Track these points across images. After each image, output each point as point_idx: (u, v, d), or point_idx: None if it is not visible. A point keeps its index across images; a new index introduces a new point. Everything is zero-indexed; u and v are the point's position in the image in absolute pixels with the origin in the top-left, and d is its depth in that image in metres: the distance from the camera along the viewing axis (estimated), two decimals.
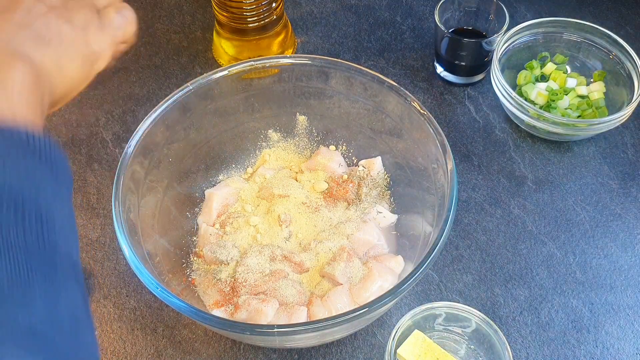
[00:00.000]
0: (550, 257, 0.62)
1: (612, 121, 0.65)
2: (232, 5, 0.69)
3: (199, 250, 0.60)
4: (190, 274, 0.59)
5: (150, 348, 0.58)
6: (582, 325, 0.58)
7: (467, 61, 0.73)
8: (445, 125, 0.71)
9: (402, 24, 0.82)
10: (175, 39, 0.81)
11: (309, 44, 0.80)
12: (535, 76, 0.73)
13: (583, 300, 0.60)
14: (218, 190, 0.63)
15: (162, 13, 0.84)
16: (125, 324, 0.59)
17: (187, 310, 0.47)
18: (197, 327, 0.59)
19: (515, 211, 0.65)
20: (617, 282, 0.61)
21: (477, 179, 0.68)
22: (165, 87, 0.76)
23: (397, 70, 0.77)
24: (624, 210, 0.65)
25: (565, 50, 0.74)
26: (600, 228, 0.64)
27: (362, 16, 0.82)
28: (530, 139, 0.71)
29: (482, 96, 0.74)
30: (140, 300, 0.60)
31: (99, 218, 0.66)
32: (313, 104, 0.64)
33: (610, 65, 0.71)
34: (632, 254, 0.63)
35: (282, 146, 0.67)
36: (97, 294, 0.61)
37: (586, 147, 0.70)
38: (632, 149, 0.70)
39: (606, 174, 0.68)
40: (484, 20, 0.74)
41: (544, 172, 0.68)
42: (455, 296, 0.60)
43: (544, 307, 0.59)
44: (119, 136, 0.72)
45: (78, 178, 0.69)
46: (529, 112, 0.66)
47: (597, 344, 0.57)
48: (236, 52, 0.75)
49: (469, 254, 0.63)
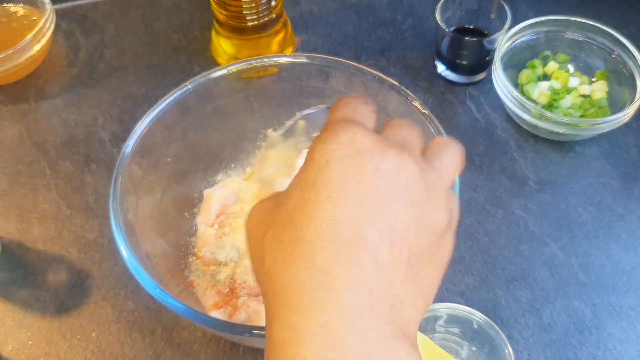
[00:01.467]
0: (552, 258, 0.62)
1: (614, 121, 0.64)
2: (231, 4, 0.68)
3: (198, 251, 0.60)
4: (188, 275, 0.58)
5: (148, 350, 0.57)
6: (584, 327, 0.58)
7: (468, 60, 0.72)
8: (447, 124, 0.71)
9: (403, 22, 0.81)
10: (173, 38, 0.80)
11: (308, 43, 0.79)
12: (537, 75, 0.72)
13: (585, 301, 0.59)
14: (217, 190, 0.63)
15: (161, 12, 0.83)
16: (123, 325, 0.59)
17: (186, 312, 0.46)
18: (195, 329, 0.58)
19: (517, 212, 0.65)
20: (620, 283, 0.60)
21: (479, 179, 0.67)
22: (163, 86, 0.75)
23: (397, 69, 0.76)
24: (627, 211, 0.65)
25: (568, 49, 0.73)
26: (602, 229, 0.64)
27: (363, 15, 0.82)
28: (532, 138, 0.70)
29: (483, 95, 0.74)
30: (138, 302, 0.60)
31: (96, 219, 0.65)
32: (313, 103, 0.64)
33: (612, 65, 0.71)
34: (634, 255, 0.62)
35: (281, 146, 0.66)
36: (95, 296, 0.60)
37: (588, 147, 0.70)
38: (634, 149, 0.69)
39: (608, 174, 0.68)
40: (486, 19, 0.74)
41: (546, 172, 0.68)
42: (456, 297, 0.60)
43: (546, 309, 0.59)
44: (117, 136, 0.71)
45: (76, 178, 0.68)
46: (530, 112, 0.66)
47: (599, 346, 0.57)
48: (235, 51, 0.74)
49: (470, 255, 0.62)
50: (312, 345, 0.25)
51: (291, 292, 0.26)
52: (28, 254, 0.63)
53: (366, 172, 0.28)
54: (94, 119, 0.73)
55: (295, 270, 0.26)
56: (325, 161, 0.28)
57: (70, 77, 0.77)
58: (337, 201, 0.27)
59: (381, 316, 0.26)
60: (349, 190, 0.27)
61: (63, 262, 0.62)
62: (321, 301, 0.25)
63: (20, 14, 0.79)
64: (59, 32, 0.81)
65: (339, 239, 0.26)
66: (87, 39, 0.81)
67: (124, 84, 0.76)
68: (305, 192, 0.28)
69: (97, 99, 0.75)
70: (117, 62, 0.79)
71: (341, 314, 0.25)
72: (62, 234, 0.64)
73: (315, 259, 0.26)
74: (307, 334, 0.25)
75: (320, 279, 0.26)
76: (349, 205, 0.27)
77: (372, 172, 0.28)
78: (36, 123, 0.73)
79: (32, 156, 0.70)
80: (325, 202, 0.27)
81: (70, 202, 0.67)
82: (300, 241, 0.27)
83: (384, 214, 0.27)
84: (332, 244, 0.26)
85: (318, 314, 0.25)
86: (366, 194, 0.27)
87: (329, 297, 0.25)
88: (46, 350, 0.57)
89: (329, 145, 0.29)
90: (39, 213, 0.66)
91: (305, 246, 0.27)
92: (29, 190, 0.68)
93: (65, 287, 0.61)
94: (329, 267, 0.26)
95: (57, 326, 0.59)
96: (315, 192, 0.27)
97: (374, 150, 0.28)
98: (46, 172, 0.69)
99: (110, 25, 0.82)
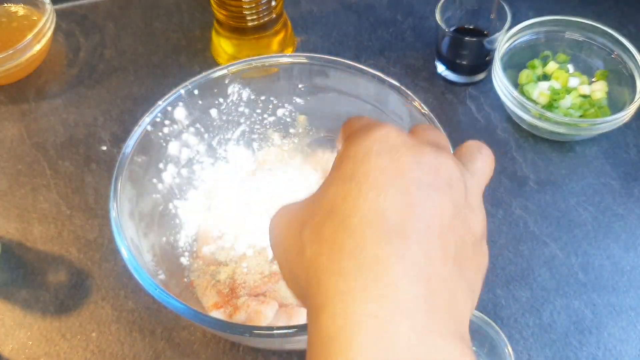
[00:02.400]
0: (552, 258, 0.62)
1: (614, 121, 0.64)
2: (231, 4, 0.68)
3: (198, 251, 0.60)
4: (189, 275, 0.58)
5: (148, 350, 0.57)
6: (584, 327, 0.58)
7: (468, 60, 0.72)
8: (447, 124, 0.70)
9: (403, 22, 0.81)
10: (173, 38, 0.80)
11: (308, 43, 0.79)
12: (537, 75, 0.72)
13: (585, 301, 0.59)
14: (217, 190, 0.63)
15: (161, 12, 0.83)
16: (123, 325, 0.59)
17: (186, 312, 0.46)
18: (195, 329, 0.58)
19: (517, 212, 0.65)
20: (620, 283, 0.60)
21: None
22: (163, 86, 0.75)
23: (397, 69, 0.76)
24: (627, 211, 0.65)
25: (568, 50, 0.73)
26: (602, 229, 0.64)
27: (363, 15, 0.82)
28: (532, 138, 0.70)
29: (483, 95, 0.74)
30: (138, 302, 0.60)
31: (96, 219, 0.65)
32: (313, 103, 0.64)
33: (612, 65, 0.71)
34: (634, 255, 0.62)
35: (282, 146, 0.66)
36: (95, 296, 0.60)
37: (588, 147, 0.70)
38: (634, 149, 0.69)
39: (608, 174, 0.68)
40: (486, 19, 0.74)
41: (546, 172, 0.68)
42: None
43: (546, 309, 0.59)
44: (117, 136, 0.71)
45: (76, 178, 0.68)
46: (530, 112, 0.66)
47: (599, 346, 0.57)
48: (235, 51, 0.74)
49: None
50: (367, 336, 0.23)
51: (341, 281, 0.24)
52: (28, 254, 0.63)
53: (406, 165, 0.26)
54: (94, 118, 0.73)
55: (345, 258, 0.25)
56: (362, 155, 0.27)
57: (70, 77, 0.77)
58: (381, 190, 0.26)
59: (437, 311, 0.24)
60: (391, 180, 0.26)
61: (63, 262, 0.62)
62: (375, 291, 0.24)
63: (20, 14, 0.79)
64: (59, 32, 0.81)
65: (388, 228, 0.25)
66: (87, 39, 0.81)
67: (124, 83, 0.76)
68: (345, 184, 0.27)
69: (97, 99, 0.75)
70: (117, 62, 0.79)
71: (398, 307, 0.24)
72: (62, 234, 0.64)
73: (365, 247, 0.25)
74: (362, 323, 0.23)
75: (373, 267, 0.24)
76: (393, 195, 0.25)
77: (412, 166, 0.26)
78: (36, 123, 0.73)
79: (32, 156, 0.70)
80: (368, 192, 0.26)
81: (70, 202, 0.67)
82: (347, 230, 0.25)
83: (428, 207, 0.26)
84: (381, 232, 0.25)
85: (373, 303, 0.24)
86: (409, 185, 0.26)
87: (384, 287, 0.24)
88: (46, 350, 0.57)
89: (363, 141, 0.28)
90: (39, 213, 0.66)
91: (353, 234, 0.25)
92: (29, 190, 0.68)
93: (65, 287, 0.61)
94: (381, 255, 0.24)
95: (57, 326, 0.59)
96: (356, 183, 0.26)
97: (412, 146, 0.27)
98: (46, 172, 0.69)
99: (110, 26, 0.82)
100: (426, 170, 0.27)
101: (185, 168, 0.61)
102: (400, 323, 0.23)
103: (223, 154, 0.64)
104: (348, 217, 0.26)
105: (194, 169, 0.62)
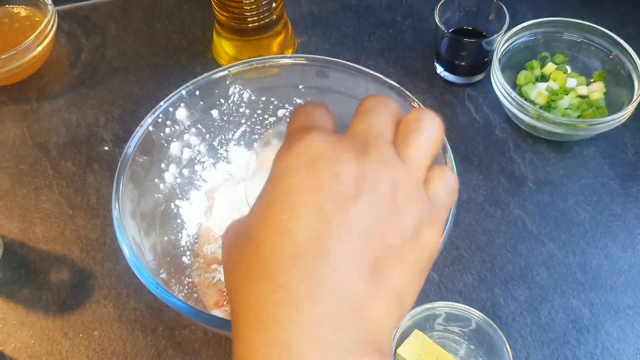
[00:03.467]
0: (551, 258, 0.62)
1: (612, 121, 0.65)
2: (232, 5, 0.69)
3: (199, 250, 0.60)
4: (190, 274, 0.59)
5: (150, 348, 0.58)
6: (582, 326, 0.58)
7: (467, 61, 0.73)
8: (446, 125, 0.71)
9: (402, 24, 0.81)
10: (174, 39, 0.81)
11: (309, 44, 0.80)
12: (536, 76, 0.72)
13: (583, 300, 0.60)
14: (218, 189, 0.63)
15: (162, 13, 0.84)
16: (125, 324, 0.59)
17: (187, 311, 0.46)
18: (197, 328, 0.59)
19: (515, 211, 0.65)
20: (618, 282, 0.61)
21: (478, 179, 0.68)
22: (164, 87, 0.76)
23: (397, 70, 0.77)
24: (625, 211, 0.65)
25: (566, 50, 0.74)
26: (600, 228, 0.64)
27: (362, 16, 0.82)
28: (530, 139, 0.70)
29: (482, 96, 0.74)
30: (140, 301, 0.60)
31: (98, 218, 0.66)
32: None
33: (610, 66, 0.71)
34: (632, 255, 0.62)
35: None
36: (97, 295, 0.61)
37: (586, 147, 0.70)
38: (632, 149, 0.70)
39: (606, 174, 0.68)
40: (484, 20, 0.74)
41: (544, 172, 0.68)
42: (455, 296, 0.60)
43: (544, 308, 0.59)
44: (119, 136, 0.72)
45: (78, 179, 0.69)
46: (529, 112, 0.66)
47: (597, 344, 0.57)
48: (236, 52, 0.75)
49: (469, 254, 0.63)
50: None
51: (251, 311, 0.26)
52: (30, 254, 0.64)
53: (323, 180, 0.26)
54: (96, 119, 0.73)
55: (255, 289, 0.26)
56: (282, 173, 0.27)
57: (72, 77, 0.78)
58: (293, 212, 0.26)
59: (344, 328, 0.25)
60: (305, 199, 0.26)
61: (65, 262, 0.63)
62: (281, 318, 0.25)
63: (22, 15, 0.79)
64: (61, 33, 0.82)
65: (296, 252, 0.26)
66: (89, 40, 0.81)
67: (125, 84, 0.76)
68: (263, 207, 0.27)
69: (99, 100, 0.75)
70: (118, 62, 0.79)
71: (301, 329, 0.24)
72: (65, 233, 0.65)
73: (273, 276, 0.25)
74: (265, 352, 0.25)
75: (279, 296, 0.25)
76: (305, 215, 0.26)
77: (329, 179, 0.26)
78: (38, 123, 0.73)
79: (34, 156, 0.71)
80: (282, 214, 0.26)
81: (73, 202, 0.67)
82: (258, 259, 0.26)
83: (344, 220, 0.26)
84: (288, 259, 0.25)
85: (277, 330, 0.25)
86: (323, 201, 0.26)
87: (288, 313, 0.25)
88: (48, 349, 0.58)
89: (284, 157, 0.28)
90: (41, 213, 0.66)
91: (263, 263, 0.26)
92: (31, 190, 0.68)
93: (67, 286, 0.61)
94: (287, 282, 0.25)
95: (59, 325, 0.59)
96: (272, 206, 0.27)
97: (331, 157, 0.27)
98: (48, 172, 0.69)
99: (112, 26, 0.83)
100: (343, 180, 0.27)
101: (186, 168, 0.62)
102: (303, 345, 0.24)
103: (224, 154, 0.65)
104: (260, 245, 0.27)
105: (196, 169, 0.63)
